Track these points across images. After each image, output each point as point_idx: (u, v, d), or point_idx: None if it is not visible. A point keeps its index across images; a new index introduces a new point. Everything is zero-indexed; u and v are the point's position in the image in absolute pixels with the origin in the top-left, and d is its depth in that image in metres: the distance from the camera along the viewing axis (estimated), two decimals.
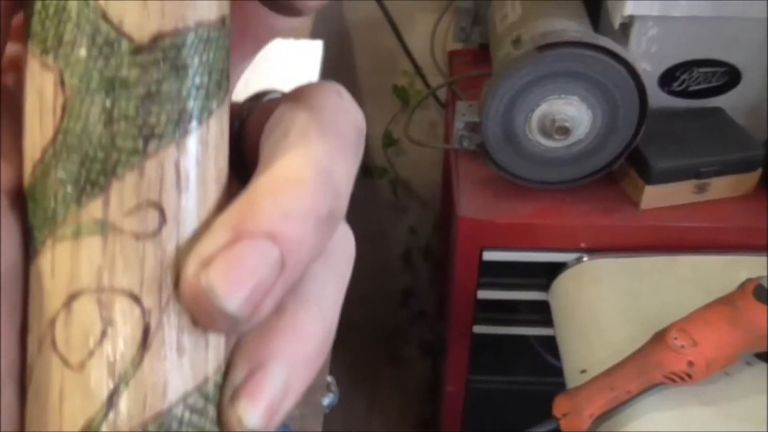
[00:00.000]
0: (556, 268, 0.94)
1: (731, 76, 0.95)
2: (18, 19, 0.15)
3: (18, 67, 0.15)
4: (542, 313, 0.97)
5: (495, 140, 0.88)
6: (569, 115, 0.83)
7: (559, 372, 0.86)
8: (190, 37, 0.14)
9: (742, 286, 0.78)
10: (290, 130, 0.16)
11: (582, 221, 0.93)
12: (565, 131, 0.84)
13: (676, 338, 0.74)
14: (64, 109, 0.14)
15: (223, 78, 0.15)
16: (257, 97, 0.19)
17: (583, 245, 0.93)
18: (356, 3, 1.24)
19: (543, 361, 1.10)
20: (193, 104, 0.15)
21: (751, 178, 0.92)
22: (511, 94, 0.83)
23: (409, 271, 1.62)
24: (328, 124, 0.16)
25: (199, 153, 0.15)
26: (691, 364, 0.72)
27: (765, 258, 0.89)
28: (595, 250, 0.93)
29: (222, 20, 0.15)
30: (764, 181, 0.93)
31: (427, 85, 1.30)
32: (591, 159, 0.89)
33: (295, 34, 0.83)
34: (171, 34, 0.14)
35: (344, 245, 0.18)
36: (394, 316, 1.66)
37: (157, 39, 0.14)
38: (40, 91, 0.14)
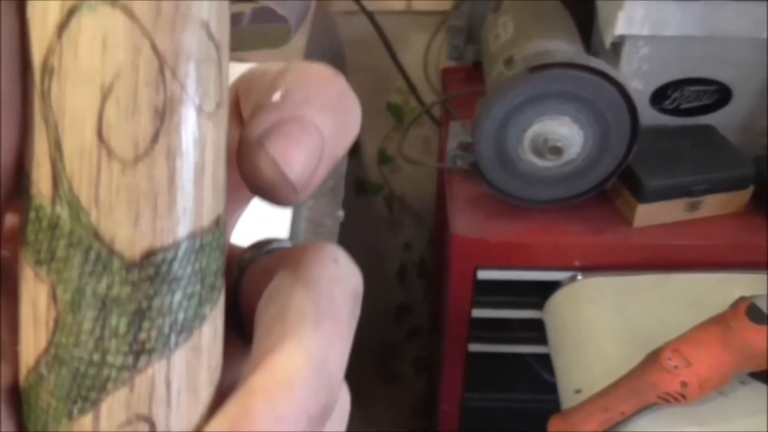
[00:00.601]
0: (551, 287, 0.94)
1: (722, 94, 0.95)
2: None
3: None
4: (537, 330, 0.97)
5: (488, 160, 0.88)
6: (561, 135, 0.84)
7: (555, 389, 0.86)
8: (182, 249, 0.14)
9: (735, 306, 0.79)
10: (286, 313, 0.15)
11: (575, 240, 0.93)
12: (557, 151, 0.84)
13: (669, 359, 0.74)
14: (56, 323, 0.14)
15: (217, 278, 0.15)
16: (258, 246, 0.19)
17: (576, 263, 0.93)
18: (350, 20, 1.25)
19: (539, 378, 1.10)
20: (184, 315, 0.14)
21: (743, 196, 0.93)
22: (503, 115, 0.84)
23: (404, 287, 1.62)
24: (325, 304, 0.16)
25: (190, 362, 0.15)
26: (684, 384, 0.72)
27: (758, 275, 0.89)
28: (588, 269, 0.93)
29: (216, 221, 0.15)
30: (756, 199, 0.94)
31: (421, 102, 1.31)
32: (583, 178, 0.90)
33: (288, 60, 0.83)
34: (163, 249, 0.14)
35: (341, 404, 0.17)
36: (388, 333, 1.66)
37: (149, 255, 0.14)
38: (34, 301, 0.14)
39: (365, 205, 1.52)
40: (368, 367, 1.65)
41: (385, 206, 1.51)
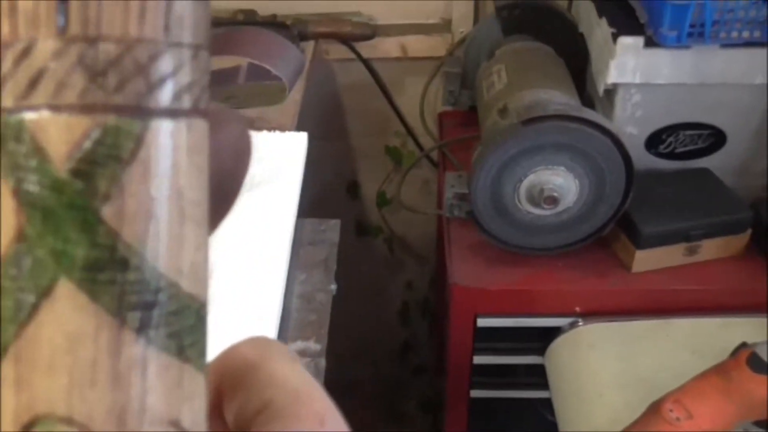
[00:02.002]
0: (551, 333, 0.94)
1: (717, 138, 0.96)
2: None
3: None
4: (541, 375, 0.97)
5: (485, 209, 0.88)
6: (557, 184, 0.84)
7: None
8: None
9: (736, 354, 0.78)
10: None
11: (575, 286, 0.93)
12: (553, 201, 0.84)
13: (671, 410, 0.74)
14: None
15: None
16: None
17: (577, 309, 0.93)
18: (347, 67, 1.26)
19: (544, 420, 1.09)
20: None
21: (741, 239, 0.93)
22: (498, 166, 0.84)
23: (407, 326, 1.61)
24: None
25: None
26: None
27: (759, 319, 0.89)
28: (589, 314, 0.93)
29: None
30: (755, 242, 0.93)
31: (419, 146, 1.32)
32: (580, 226, 0.90)
33: (281, 126, 0.84)
34: None
35: None
36: (393, 372, 1.65)
37: None
38: None
39: (366, 245, 1.53)
40: (373, 406, 1.64)
41: (386, 247, 1.51)
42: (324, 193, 1.39)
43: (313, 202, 1.15)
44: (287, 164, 0.67)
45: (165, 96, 0.14)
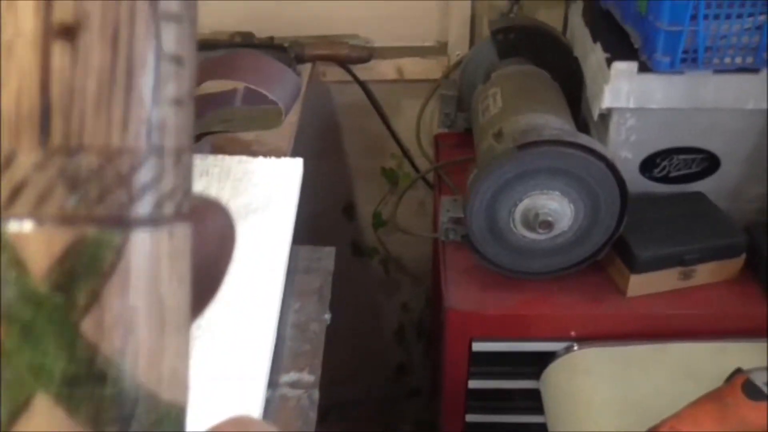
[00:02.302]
0: (547, 357, 0.94)
1: (710, 162, 0.96)
2: None
3: None
4: (536, 400, 0.96)
5: (480, 234, 0.89)
6: (551, 209, 0.84)
7: None
8: None
9: (731, 380, 0.78)
10: None
11: (570, 310, 0.93)
12: (548, 225, 0.85)
13: None
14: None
15: None
16: None
17: (572, 334, 0.93)
18: (344, 88, 1.27)
19: None
20: None
21: (736, 263, 0.93)
22: (493, 190, 0.84)
23: (403, 347, 1.61)
24: None
25: None
26: None
27: (754, 344, 0.89)
28: (584, 339, 0.92)
29: None
30: (749, 266, 0.94)
31: (415, 168, 1.32)
32: (575, 250, 0.90)
33: (277, 148, 0.84)
34: None
35: None
36: (389, 394, 1.64)
37: None
38: None
39: (362, 266, 1.52)
40: (367, 428, 1.63)
41: (381, 268, 1.51)
42: (320, 214, 1.39)
43: (309, 223, 1.15)
44: (282, 191, 0.67)
45: (146, 205, 0.14)
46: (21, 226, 0.13)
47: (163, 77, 0.14)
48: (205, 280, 0.16)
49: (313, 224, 1.21)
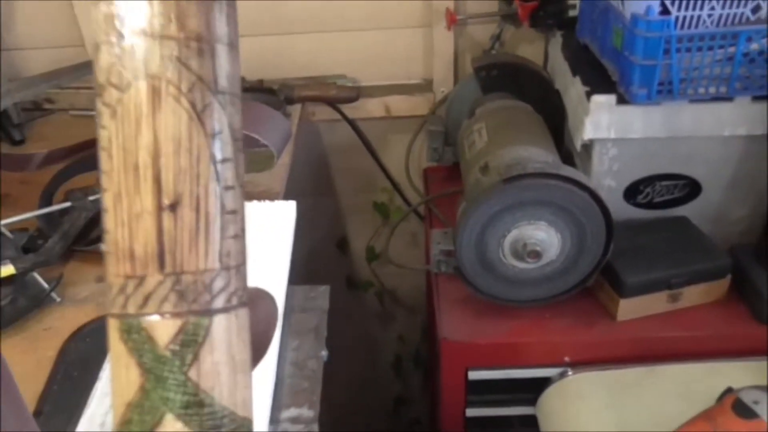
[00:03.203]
0: (542, 383, 0.96)
1: (692, 188, 0.99)
2: None
3: None
4: (533, 426, 0.98)
5: (470, 265, 0.91)
6: (539, 239, 0.87)
7: None
8: None
9: (721, 400, 0.80)
10: None
11: (563, 337, 0.95)
12: (536, 255, 0.87)
13: None
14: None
15: None
16: None
17: (566, 359, 0.95)
18: (333, 127, 1.30)
19: None
20: None
21: (722, 285, 0.95)
22: (482, 223, 0.87)
23: (401, 379, 1.62)
24: None
25: None
26: None
27: (743, 363, 0.91)
28: (578, 364, 0.94)
29: None
30: (735, 286, 0.96)
31: (406, 201, 1.35)
32: (565, 277, 0.92)
33: (270, 189, 0.87)
34: None
35: None
36: (389, 426, 1.65)
37: None
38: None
39: (357, 299, 1.54)
40: None
41: (376, 300, 1.53)
42: (314, 250, 1.41)
43: (304, 259, 1.17)
44: (277, 234, 0.69)
45: (221, 301, 0.22)
46: (151, 319, 0.22)
47: (225, 224, 0.22)
48: (258, 344, 0.24)
49: (308, 259, 1.23)
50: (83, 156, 1.03)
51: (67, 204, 0.88)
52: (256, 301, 0.24)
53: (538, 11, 1.11)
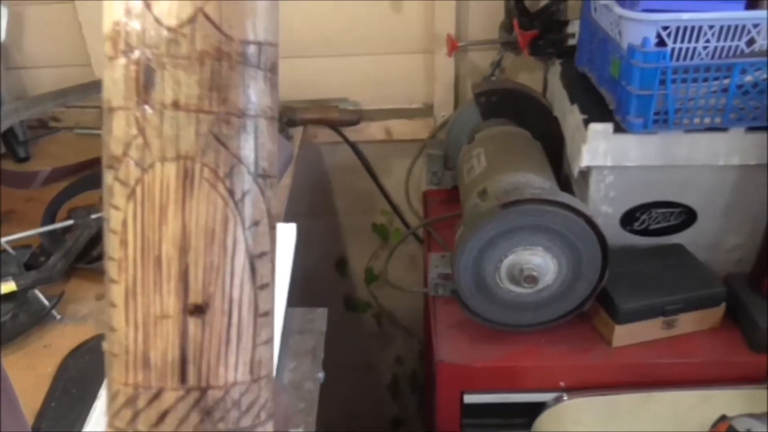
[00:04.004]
0: (537, 408, 0.96)
1: (688, 215, 1.00)
2: None
3: None
4: None
5: (467, 289, 0.92)
6: (536, 264, 0.88)
7: None
8: None
9: (715, 427, 0.81)
10: None
11: (558, 361, 0.95)
12: (533, 280, 0.88)
13: None
14: None
15: None
16: None
17: (561, 384, 0.95)
18: (335, 149, 1.31)
19: None
20: None
21: (716, 313, 0.96)
22: (479, 247, 0.88)
23: (398, 401, 1.62)
24: None
25: None
26: None
27: (738, 391, 0.91)
28: (573, 389, 0.95)
29: None
30: (730, 314, 0.97)
31: (405, 223, 1.36)
32: (561, 303, 0.93)
33: None
34: None
35: None
36: None
37: None
38: None
39: (355, 320, 1.55)
40: None
41: (374, 322, 1.53)
42: (313, 270, 1.42)
43: (303, 279, 1.18)
44: (278, 255, 0.70)
45: (249, 418, 0.19)
46: None
47: (258, 329, 0.19)
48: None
49: (307, 279, 1.24)
50: (87, 174, 1.04)
51: (70, 222, 0.90)
52: (275, 394, 0.22)
53: (538, 40, 1.13)
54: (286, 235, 0.74)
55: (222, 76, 0.17)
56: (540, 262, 0.88)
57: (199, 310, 0.18)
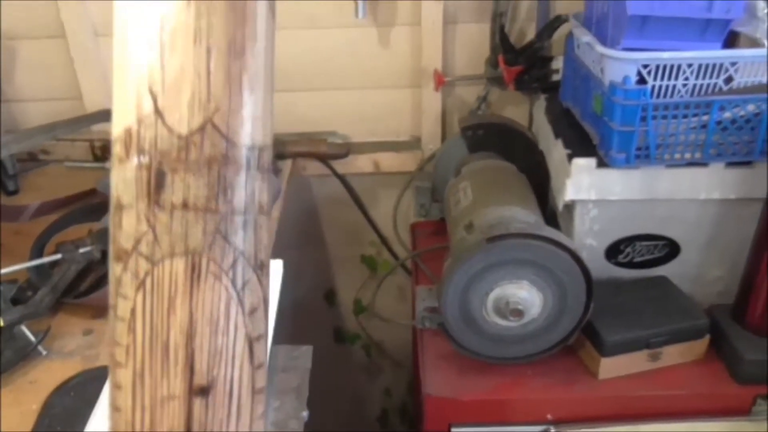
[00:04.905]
0: None
1: (671, 248, 1.02)
2: None
3: None
4: None
5: (454, 322, 0.92)
6: (521, 297, 0.89)
7: None
8: None
9: None
10: None
11: (545, 394, 0.96)
12: (519, 313, 0.89)
13: None
14: None
15: None
16: None
17: (549, 417, 0.96)
18: (324, 181, 1.32)
19: None
20: None
21: (701, 345, 0.97)
22: (465, 281, 0.89)
23: None
24: None
25: None
26: None
27: (722, 423, 0.92)
28: (560, 422, 0.95)
29: None
30: (714, 346, 0.98)
31: (393, 255, 1.37)
32: (547, 335, 0.94)
33: None
34: None
35: None
36: None
37: None
38: None
39: (345, 351, 1.55)
40: None
41: (363, 353, 1.53)
42: (302, 301, 1.42)
43: (292, 310, 1.18)
44: None
45: None
46: None
47: (255, 405, 0.20)
48: None
49: (296, 311, 1.24)
50: (76, 208, 1.05)
51: (58, 256, 0.90)
52: None
53: (523, 75, 1.15)
54: (273, 271, 0.75)
55: (228, 178, 0.19)
56: (525, 296, 0.89)
57: (204, 392, 0.19)
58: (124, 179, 0.20)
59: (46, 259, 0.90)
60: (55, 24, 1.20)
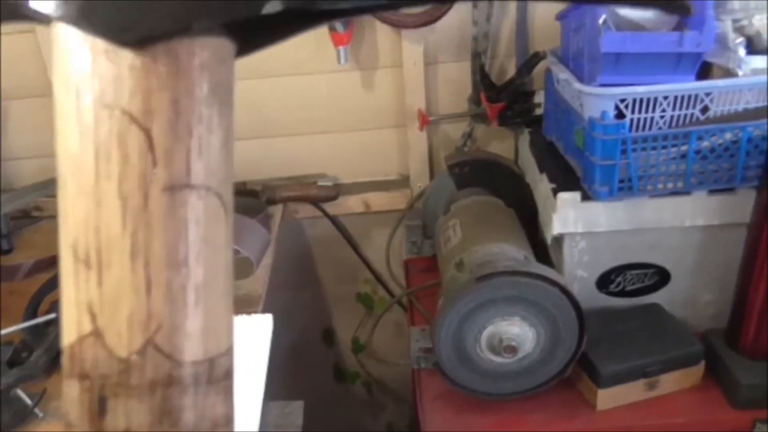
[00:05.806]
0: None
1: (662, 275, 1.02)
2: None
3: None
4: None
5: (449, 361, 0.93)
6: (514, 334, 0.89)
7: None
8: None
9: None
10: None
11: (544, 428, 0.96)
12: (512, 349, 0.89)
13: None
14: None
15: None
16: None
17: None
18: (316, 223, 1.34)
19: None
20: None
21: (697, 371, 0.97)
22: (458, 320, 0.89)
23: None
24: None
25: None
26: None
27: None
28: None
29: None
30: (709, 372, 0.98)
31: (389, 292, 1.37)
32: (542, 370, 0.94)
33: (250, 296, 0.90)
34: None
35: None
36: None
37: None
38: None
39: (345, 389, 1.54)
40: None
41: (364, 390, 1.53)
42: (300, 341, 1.42)
43: (291, 350, 1.18)
44: (253, 349, 0.72)
45: None
46: None
47: None
48: None
49: (294, 352, 1.25)
50: None
51: (52, 315, 0.91)
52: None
53: (506, 111, 1.17)
54: (262, 326, 0.76)
55: (173, 401, 0.18)
56: (518, 332, 0.89)
57: None
58: (69, 397, 0.19)
59: (40, 319, 0.91)
60: (44, 83, 1.22)
